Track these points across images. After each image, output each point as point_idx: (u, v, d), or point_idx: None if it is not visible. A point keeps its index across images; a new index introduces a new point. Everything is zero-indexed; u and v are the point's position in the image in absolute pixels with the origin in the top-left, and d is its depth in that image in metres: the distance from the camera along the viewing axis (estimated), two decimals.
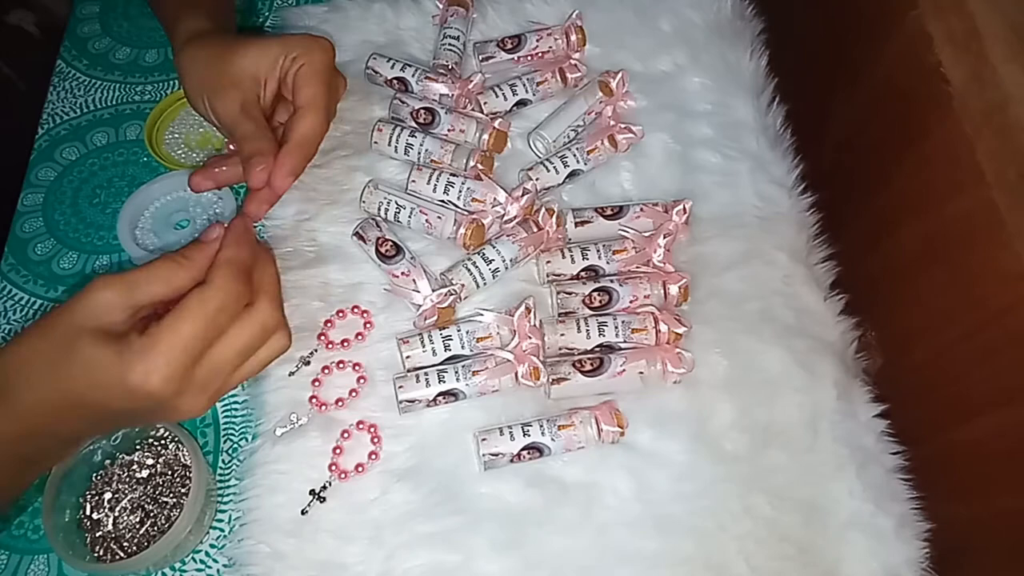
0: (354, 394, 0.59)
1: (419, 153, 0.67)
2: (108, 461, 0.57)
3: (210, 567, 0.57)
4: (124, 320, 0.44)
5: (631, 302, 0.62)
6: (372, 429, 0.58)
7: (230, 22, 0.66)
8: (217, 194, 0.69)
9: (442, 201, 0.65)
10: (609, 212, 0.65)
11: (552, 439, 0.56)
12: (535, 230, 0.63)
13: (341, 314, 0.62)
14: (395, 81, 0.71)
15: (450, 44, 0.72)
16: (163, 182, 0.69)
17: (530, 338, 0.59)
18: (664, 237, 0.62)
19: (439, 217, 0.63)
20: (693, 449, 0.58)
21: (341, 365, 0.60)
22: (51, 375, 0.43)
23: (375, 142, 0.68)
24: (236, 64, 0.57)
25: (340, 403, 0.59)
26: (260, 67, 0.57)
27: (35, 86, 0.78)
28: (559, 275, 0.63)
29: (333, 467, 0.57)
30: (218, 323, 0.45)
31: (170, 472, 0.57)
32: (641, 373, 0.59)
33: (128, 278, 0.44)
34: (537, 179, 0.66)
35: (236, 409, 0.62)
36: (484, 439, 0.56)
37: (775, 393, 0.60)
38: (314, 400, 0.59)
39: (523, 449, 0.56)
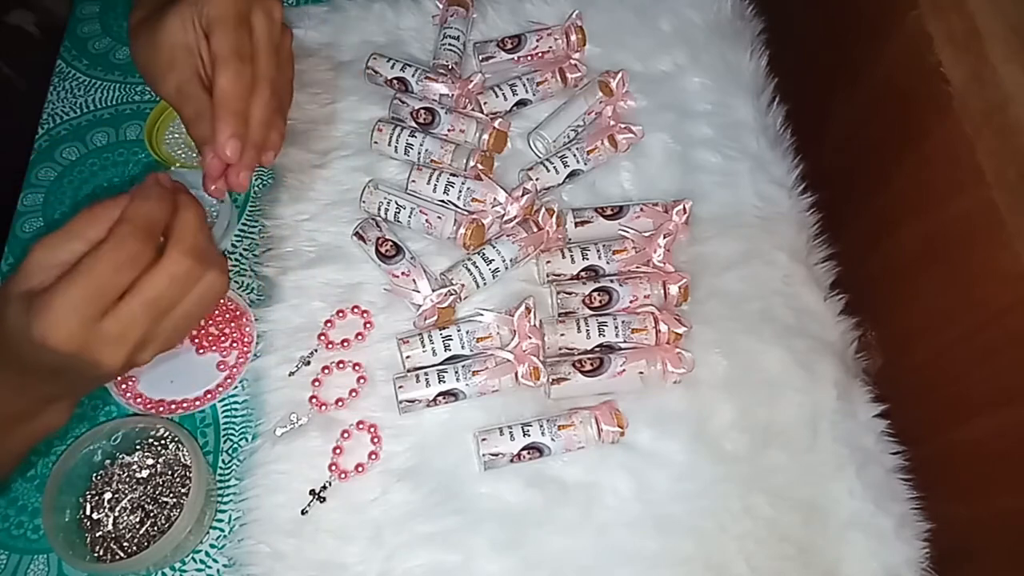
0: (354, 394, 0.59)
1: (419, 153, 0.67)
2: (108, 461, 0.57)
3: (210, 567, 0.57)
4: (47, 281, 0.43)
5: (631, 302, 0.62)
6: (372, 429, 0.58)
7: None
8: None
9: (442, 201, 0.65)
10: (609, 212, 0.65)
11: (552, 439, 0.56)
12: (535, 230, 0.63)
13: (341, 314, 0.62)
14: (395, 81, 0.71)
15: (450, 44, 0.72)
16: None
17: (530, 338, 0.59)
18: (664, 237, 0.62)
19: (439, 217, 0.63)
20: (693, 449, 0.58)
21: (341, 365, 0.60)
22: None
23: (375, 142, 0.68)
24: (163, 41, 0.53)
25: (340, 403, 0.59)
26: (184, 35, 0.52)
27: (35, 86, 0.78)
28: (559, 275, 0.63)
29: (333, 467, 0.57)
30: (113, 280, 0.43)
31: (170, 472, 0.57)
32: (641, 373, 0.59)
33: (51, 237, 0.44)
34: (537, 179, 0.66)
35: (236, 409, 0.62)
36: (484, 439, 0.56)
37: (775, 393, 0.60)
38: (314, 400, 0.59)
39: (523, 449, 0.56)
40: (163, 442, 0.58)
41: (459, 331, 0.59)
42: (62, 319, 0.42)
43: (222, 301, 0.64)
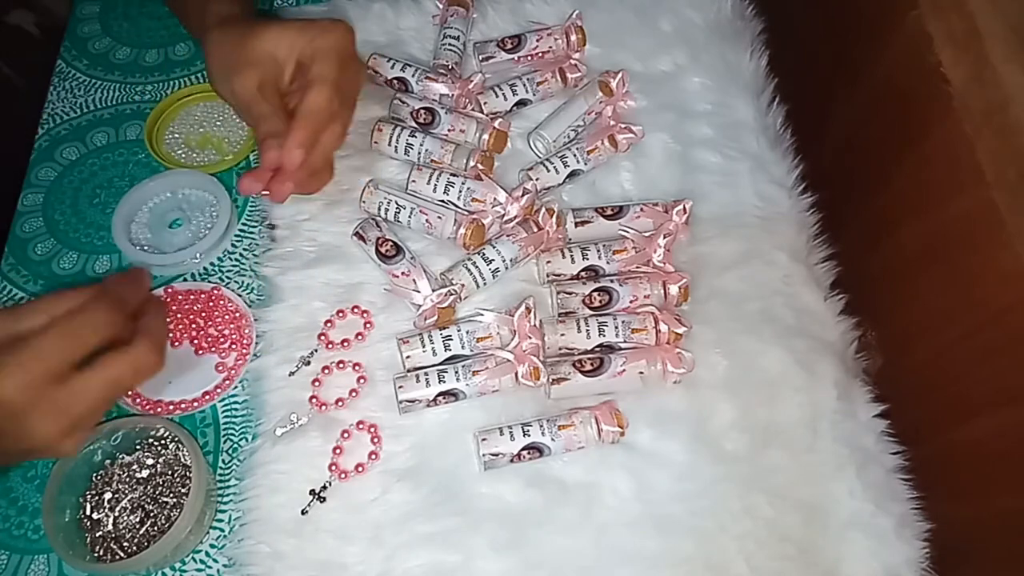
0: (354, 394, 0.59)
1: (419, 153, 0.67)
2: (108, 461, 0.57)
3: (210, 567, 0.57)
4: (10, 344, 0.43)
5: (631, 302, 0.62)
6: (372, 429, 0.58)
7: (252, 7, 0.66)
8: (214, 195, 0.69)
9: (442, 201, 0.65)
10: (609, 212, 0.65)
11: (552, 439, 0.56)
12: (535, 230, 0.63)
13: (341, 314, 0.62)
14: (395, 81, 0.71)
15: (450, 44, 0.72)
16: (160, 180, 0.69)
17: (530, 338, 0.59)
18: (664, 237, 0.62)
19: (439, 217, 0.63)
20: (693, 449, 0.58)
21: (341, 365, 0.60)
22: None
23: (375, 142, 0.68)
24: (257, 45, 0.57)
25: (340, 403, 0.59)
26: (279, 48, 0.57)
27: (35, 86, 0.78)
28: (559, 275, 0.63)
29: (333, 467, 0.57)
30: (81, 343, 0.44)
31: (170, 472, 0.57)
32: (641, 373, 0.59)
33: (13, 310, 0.44)
34: (537, 179, 0.66)
35: (236, 409, 0.62)
36: (484, 439, 0.56)
37: (775, 393, 0.60)
38: (314, 400, 0.59)
39: (523, 449, 0.56)
40: (163, 442, 0.58)
41: (459, 331, 0.59)
42: (20, 371, 0.42)
43: (222, 302, 0.65)
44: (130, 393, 0.61)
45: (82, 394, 0.44)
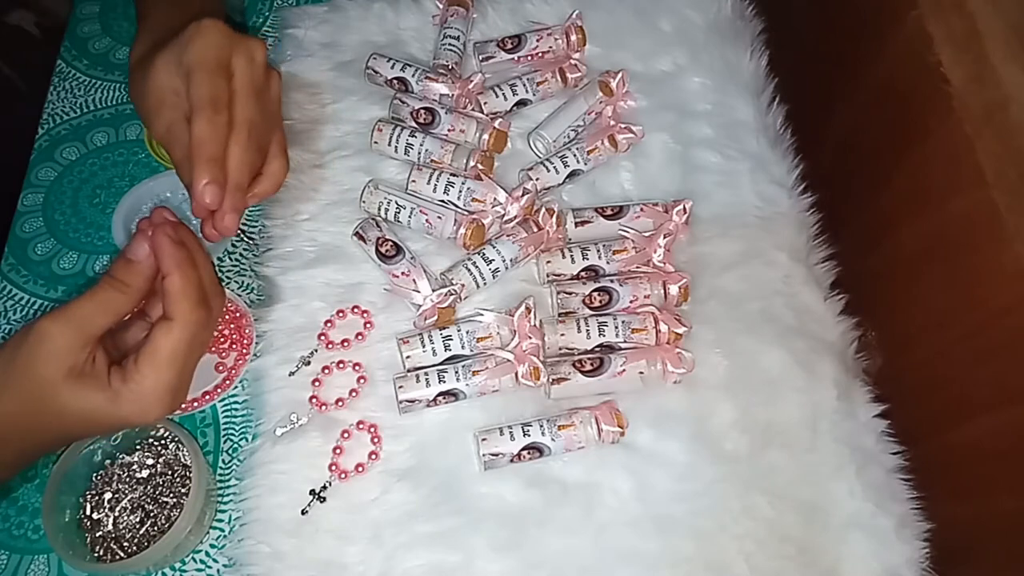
0: (354, 394, 0.59)
1: (419, 153, 0.67)
2: (108, 461, 0.57)
3: (210, 567, 0.57)
4: (86, 356, 0.46)
5: (631, 302, 0.62)
6: (372, 429, 0.58)
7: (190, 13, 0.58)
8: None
9: (442, 201, 0.65)
10: (609, 212, 0.65)
11: (552, 439, 0.56)
12: (535, 230, 0.63)
13: (341, 314, 0.62)
14: (395, 81, 0.71)
15: (450, 44, 0.72)
16: (160, 180, 0.69)
17: (530, 338, 0.59)
18: (664, 237, 0.62)
19: (439, 217, 0.63)
20: (693, 449, 0.58)
21: (341, 365, 0.60)
22: (31, 432, 0.47)
23: (375, 142, 0.68)
24: (153, 86, 0.53)
25: (340, 403, 0.59)
26: (171, 79, 0.52)
27: (35, 86, 0.78)
28: (559, 275, 0.63)
29: (333, 467, 0.57)
30: (191, 354, 0.48)
31: (170, 472, 0.57)
32: (641, 373, 0.59)
33: (75, 316, 0.46)
34: (537, 179, 0.66)
35: (236, 409, 0.62)
36: (484, 439, 0.56)
37: (775, 393, 0.60)
38: (314, 400, 0.59)
39: (523, 449, 0.56)
40: (163, 442, 0.58)
41: (459, 331, 0.59)
42: (158, 401, 0.47)
43: None
44: None
45: (188, 377, 0.49)
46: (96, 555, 0.54)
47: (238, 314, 0.64)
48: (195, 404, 0.61)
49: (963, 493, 0.58)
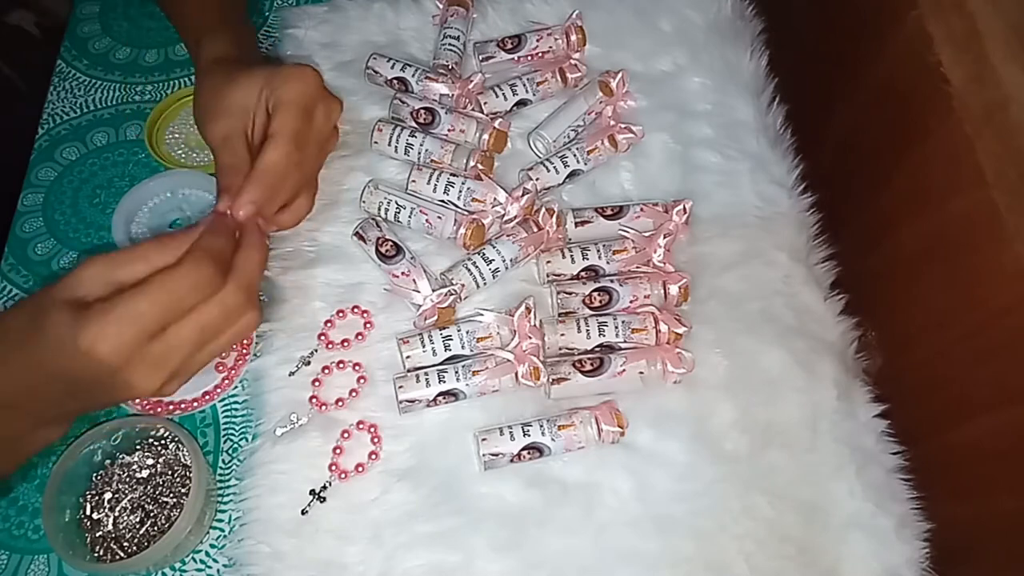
0: (354, 394, 0.59)
1: (419, 153, 0.67)
2: (108, 461, 0.57)
3: (210, 567, 0.57)
4: (102, 295, 0.44)
5: (631, 302, 0.62)
6: (372, 429, 0.58)
7: (250, 44, 0.66)
8: (214, 195, 0.68)
9: (442, 201, 0.65)
10: (609, 212, 0.65)
11: (552, 439, 0.56)
12: (535, 230, 0.63)
13: (341, 314, 0.62)
14: (395, 81, 0.71)
15: (450, 44, 0.72)
16: (161, 180, 0.69)
17: (530, 338, 0.59)
18: (664, 237, 0.62)
19: (439, 217, 0.63)
20: (693, 449, 0.58)
21: (341, 365, 0.60)
22: (21, 347, 0.44)
23: (375, 142, 0.68)
24: (229, 95, 0.57)
25: (340, 403, 0.59)
26: (249, 97, 0.56)
27: (35, 86, 0.78)
28: (559, 275, 0.63)
29: (333, 467, 0.57)
30: (179, 303, 0.44)
31: (170, 472, 0.57)
32: (641, 373, 0.59)
33: (114, 256, 0.45)
34: (537, 179, 0.66)
35: (236, 409, 0.62)
36: (484, 439, 0.56)
37: (775, 393, 0.60)
38: (314, 400, 0.59)
39: (523, 449, 0.56)
40: (163, 442, 0.58)
41: (459, 331, 0.59)
42: (117, 331, 0.42)
43: None
44: None
45: (176, 348, 0.45)
46: (96, 555, 0.54)
47: None
48: (195, 404, 0.61)
49: (963, 493, 0.58)
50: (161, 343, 0.44)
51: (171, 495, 0.56)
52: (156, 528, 0.55)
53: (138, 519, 0.55)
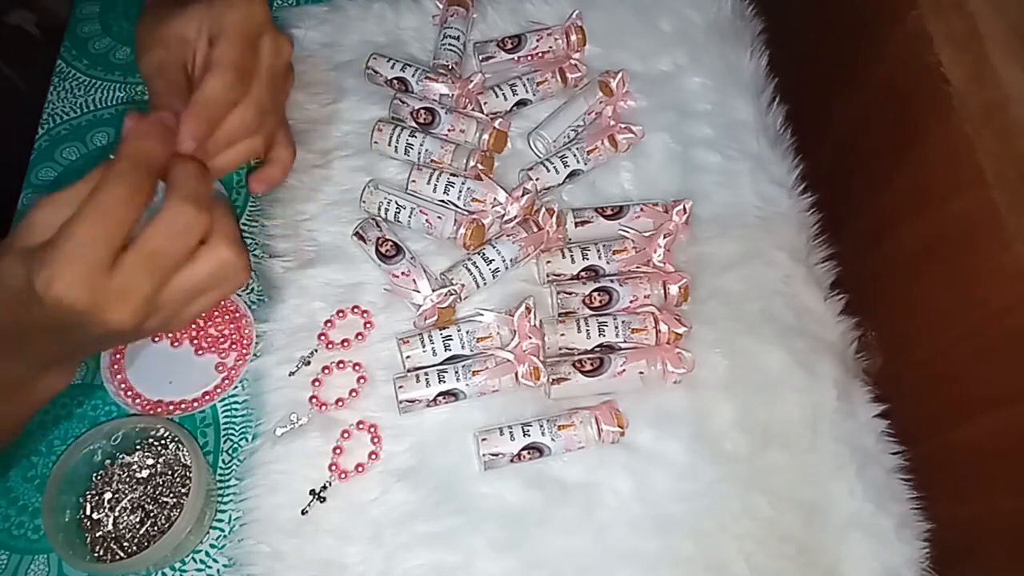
0: (354, 394, 0.59)
1: (419, 153, 0.67)
2: (108, 461, 0.57)
3: (210, 567, 0.57)
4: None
5: (631, 302, 0.62)
6: (372, 429, 0.58)
7: None
8: (215, 188, 0.69)
9: (442, 201, 0.65)
10: (609, 212, 0.65)
11: (552, 439, 0.56)
12: (535, 230, 0.63)
13: (341, 314, 0.62)
14: (395, 81, 0.71)
15: (450, 44, 0.72)
16: (160, 180, 0.69)
17: (530, 338, 0.59)
18: (664, 237, 0.62)
19: (439, 217, 0.63)
20: (693, 449, 0.58)
21: (341, 365, 0.60)
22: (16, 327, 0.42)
23: (375, 142, 0.68)
24: (167, 26, 0.53)
25: (340, 403, 0.59)
26: (188, 27, 0.52)
27: (35, 86, 0.78)
28: (559, 275, 0.63)
29: (333, 467, 0.57)
30: (117, 222, 0.41)
31: (170, 472, 0.57)
32: (641, 373, 0.59)
33: (61, 193, 0.42)
34: (537, 179, 0.66)
35: (236, 409, 0.62)
36: (484, 439, 0.56)
37: (775, 393, 0.60)
38: (314, 400, 0.59)
39: (523, 449, 0.56)
40: (163, 442, 0.58)
41: (459, 331, 0.59)
42: (65, 268, 0.39)
43: (222, 302, 0.64)
44: (130, 393, 0.61)
45: (131, 272, 0.41)
46: (96, 555, 0.54)
47: (238, 314, 0.64)
48: (195, 404, 0.61)
49: (963, 493, 0.58)
50: (116, 272, 0.41)
51: (171, 495, 0.56)
52: (156, 528, 0.55)
53: (138, 519, 0.55)
